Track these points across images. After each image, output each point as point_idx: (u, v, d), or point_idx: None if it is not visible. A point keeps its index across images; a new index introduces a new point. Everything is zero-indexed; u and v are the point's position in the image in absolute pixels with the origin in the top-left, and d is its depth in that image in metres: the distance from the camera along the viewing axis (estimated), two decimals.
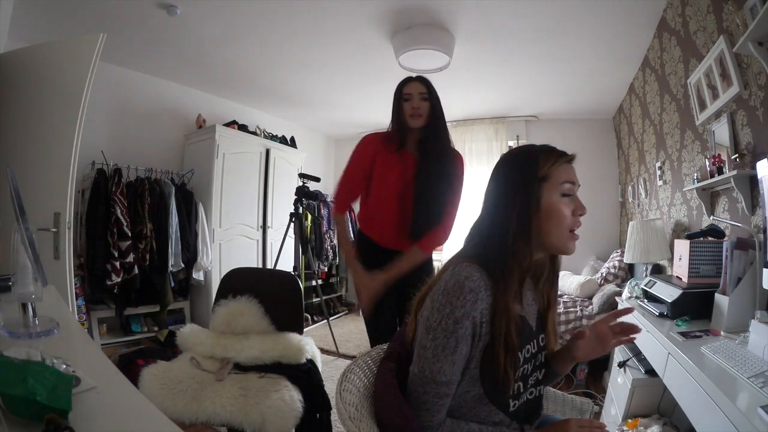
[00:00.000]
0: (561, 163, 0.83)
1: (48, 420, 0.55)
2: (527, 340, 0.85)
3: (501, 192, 0.84)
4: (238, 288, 1.90)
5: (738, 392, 0.94)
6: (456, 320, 0.74)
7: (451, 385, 0.77)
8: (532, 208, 0.80)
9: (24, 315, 1.00)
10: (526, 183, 0.81)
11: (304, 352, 1.68)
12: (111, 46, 2.25)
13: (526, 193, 0.80)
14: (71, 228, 2.07)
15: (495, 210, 0.84)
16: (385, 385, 0.83)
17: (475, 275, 0.76)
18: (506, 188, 0.84)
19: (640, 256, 2.42)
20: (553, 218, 0.80)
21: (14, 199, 1.04)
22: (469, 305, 0.74)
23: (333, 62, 3.32)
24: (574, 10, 2.49)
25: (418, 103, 1.61)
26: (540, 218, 0.80)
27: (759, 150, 1.56)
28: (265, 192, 4.20)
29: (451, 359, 0.75)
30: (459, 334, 0.74)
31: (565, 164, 0.84)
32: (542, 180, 0.81)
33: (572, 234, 0.82)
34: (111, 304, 3.06)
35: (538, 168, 0.82)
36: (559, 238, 0.81)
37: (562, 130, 4.59)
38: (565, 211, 0.81)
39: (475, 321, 0.75)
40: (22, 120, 2.06)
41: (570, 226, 0.82)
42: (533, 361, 0.87)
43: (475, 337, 0.76)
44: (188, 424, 1.30)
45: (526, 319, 0.86)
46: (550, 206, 0.80)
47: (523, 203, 0.80)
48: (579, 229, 0.84)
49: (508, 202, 0.82)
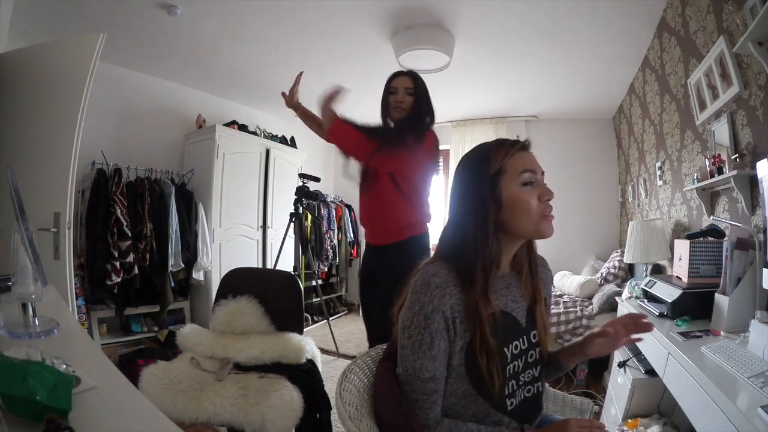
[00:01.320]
0: (514, 153, 0.82)
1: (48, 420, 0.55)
2: (514, 337, 0.84)
3: (458, 194, 0.85)
4: (238, 288, 1.90)
5: (738, 392, 0.94)
6: (426, 316, 0.75)
7: (436, 381, 0.77)
8: (489, 206, 0.80)
9: (24, 315, 1.00)
10: (480, 181, 0.81)
11: (304, 352, 1.68)
12: (111, 46, 2.25)
13: (481, 191, 0.80)
14: (71, 228, 2.06)
15: (455, 212, 0.85)
16: (385, 384, 0.83)
17: (442, 272, 0.78)
18: (462, 189, 0.85)
19: (640, 256, 2.42)
20: (518, 208, 0.80)
21: (14, 199, 1.04)
22: (437, 300, 0.75)
23: (333, 62, 3.32)
24: (574, 10, 2.49)
25: (401, 97, 1.67)
26: (504, 212, 0.80)
27: (759, 150, 1.56)
28: (265, 192, 4.20)
29: (430, 354, 0.76)
30: (432, 329, 0.75)
31: (520, 153, 0.83)
32: (498, 174, 0.81)
33: (545, 217, 0.81)
34: (111, 304, 3.06)
35: (490, 163, 0.81)
36: (530, 224, 0.80)
37: (562, 130, 4.59)
38: (530, 199, 0.80)
39: (446, 315, 0.76)
40: (22, 120, 2.06)
41: (539, 212, 0.80)
42: (524, 357, 0.85)
43: (449, 331, 0.76)
44: (188, 424, 1.30)
45: (512, 315, 0.85)
46: (511, 198, 0.80)
47: (479, 203, 0.80)
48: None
49: (465, 203, 0.83)
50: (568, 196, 4.38)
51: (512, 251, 0.87)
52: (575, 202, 4.42)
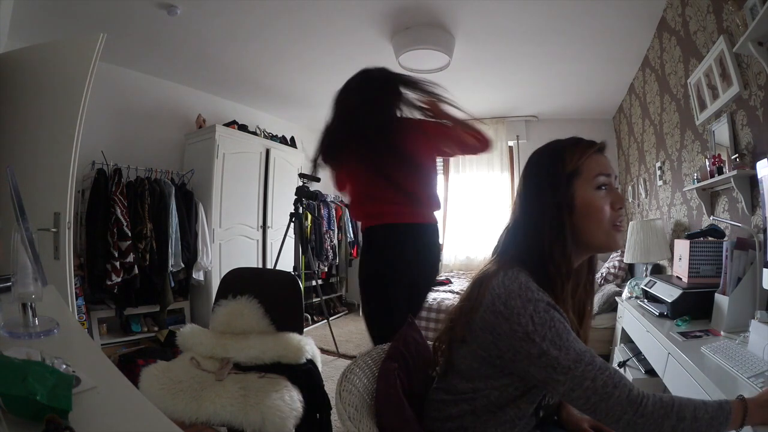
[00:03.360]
0: (590, 155, 0.78)
1: (48, 420, 0.55)
2: None
3: (530, 196, 0.79)
4: (238, 288, 1.90)
5: (738, 392, 0.94)
6: (545, 308, 0.68)
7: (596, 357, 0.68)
8: (565, 209, 0.75)
9: (24, 315, 1.00)
10: (555, 182, 0.76)
11: (304, 352, 1.68)
12: (111, 46, 2.25)
13: (556, 193, 0.75)
14: (71, 228, 2.06)
15: (526, 217, 0.79)
16: (388, 386, 0.82)
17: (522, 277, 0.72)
18: (534, 191, 0.79)
19: (640, 256, 2.42)
20: (591, 215, 0.75)
21: (14, 199, 1.04)
22: (540, 293, 0.70)
23: (333, 62, 3.32)
24: (574, 10, 2.49)
25: None
26: (576, 217, 0.75)
27: (759, 150, 1.56)
28: (265, 192, 4.19)
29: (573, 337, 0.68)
30: (556, 317, 0.68)
31: (596, 155, 0.79)
32: (572, 175, 0.76)
33: (616, 227, 0.77)
34: (111, 304, 3.06)
35: (565, 164, 0.77)
36: (602, 234, 0.76)
37: (562, 130, 4.51)
38: (603, 205, 0.75)
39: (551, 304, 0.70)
40: (22, 120, 2.06)
41: (611, 221, 0.76)
42: None
43: None
44: (188, 424, 1.30)
45: None
46: (585, 202, 0.75)
47: (555, 205, 0.75)
48: None
49: (538, 206, 0.77)
50: None
51: (577, 263, 0.81)
52: None
